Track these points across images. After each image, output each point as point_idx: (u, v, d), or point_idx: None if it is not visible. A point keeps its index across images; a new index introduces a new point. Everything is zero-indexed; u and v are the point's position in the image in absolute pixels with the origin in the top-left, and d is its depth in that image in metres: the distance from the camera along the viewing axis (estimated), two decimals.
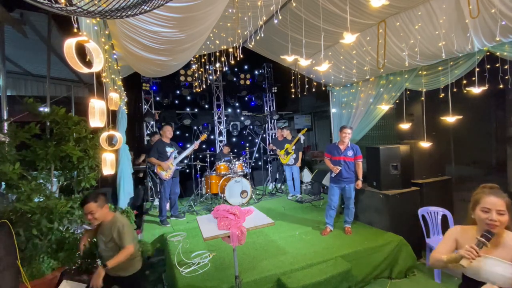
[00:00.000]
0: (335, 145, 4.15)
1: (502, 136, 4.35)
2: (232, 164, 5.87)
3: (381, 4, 2.05)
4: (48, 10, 1.14)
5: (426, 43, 3.59)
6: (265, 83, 8.16)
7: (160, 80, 6.90)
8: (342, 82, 5.46)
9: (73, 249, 2.56)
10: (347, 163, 4.00)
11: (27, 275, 2.24)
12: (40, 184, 2.72)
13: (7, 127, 2.92)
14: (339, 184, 4.05)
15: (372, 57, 4.34)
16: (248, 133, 8.19)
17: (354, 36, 2.31)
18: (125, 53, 3.34)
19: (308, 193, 6.41)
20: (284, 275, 2.99)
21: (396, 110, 5.01)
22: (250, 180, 6.12)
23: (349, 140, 4.08)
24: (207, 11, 2.49)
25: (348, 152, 4.03)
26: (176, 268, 3.19)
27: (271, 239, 3.93)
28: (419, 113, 4.46)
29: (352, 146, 4.08)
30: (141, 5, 1.21)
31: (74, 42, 1.51)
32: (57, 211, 2.43)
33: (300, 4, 3.55)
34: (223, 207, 2.90)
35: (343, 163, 4.00)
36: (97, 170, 3.25)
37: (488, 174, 4.58)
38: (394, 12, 3.58)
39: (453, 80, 3.75)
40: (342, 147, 4.07)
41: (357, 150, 4.06)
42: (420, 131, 4.24)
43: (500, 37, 2.97)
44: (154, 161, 4.67)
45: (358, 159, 4.04)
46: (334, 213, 4.14)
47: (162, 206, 4.75)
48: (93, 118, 1.89)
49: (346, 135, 4.02)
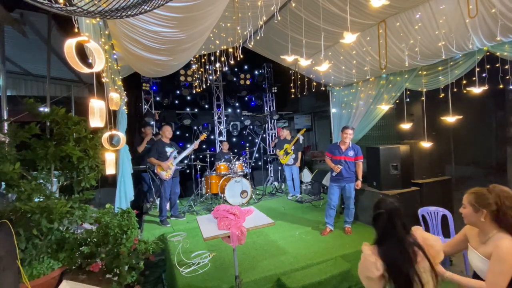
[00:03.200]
0: (337, 145, 4.18)
1: (502, 136, 4.35)
2: (232, 164, 5.87)
3: (381, 4, 2.05)
4: (48, 10, 1.14)
5: (426, 43, 3.59)
6: (265, 83, 8.16)
7: (160, 80, 6.89)
8: (342, 82, 5.46)
9: (73, 249, 2.56)
10: (347, 163, 4.03)
11: (27, 275, 2.24)
12: (40, 184, 2.72)
13: (7, 127, 2.92)
14: (339, 183, 4.06)
15: (372, 57, 4.34)
16: (248, 133, 8.19)
17: (354, 35, 2.31)
18: (125, 53, 3.34)
19: (308, 193, 6.41)
20: (284, 275, 3.00)
21: (396, 110, 5.01)
22: (250, 180, 6.12)
23: (350, 141, 4.10)
24: (207, 11, 2.49)
25: (349, 152, 4.05)
26: (176, 268, 3.19)
27: (271, 239, 3.93)
28: (419, 113, 4.46)
29: (353, 147, 4.10)
30: (141, 5, 1.21)
31: (75, 42, 1.51)
32: (57, 211, 2.43)
33: (300, 4, 3.55)
34: (223, 207, 2.90)
35: (343, 162, 4.02)
36: (97, 170, 3.24)
37: (488, 174, 4.58)
38: (394, 12, 3.58)
39: (453, 80, 3.75)
40: (343, 147, 4.10)
41: (358, 151, 4.09)
42: (420, 131, 4.25)
43: (500, 37, 2.97)
44: (154, 161, 4.67)
45: (358, 160, 4.06)
46: (334, 213, 4.14)
47: (162, 206, 4.75)
48: (93, 118, 1.89)
49: (348, 136, 4.03)
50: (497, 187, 1.53)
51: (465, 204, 1.59)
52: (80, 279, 2.46)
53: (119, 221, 2.80)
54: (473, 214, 1.54)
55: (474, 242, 1.61)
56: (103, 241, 2.67)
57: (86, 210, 2.72)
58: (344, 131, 4.07)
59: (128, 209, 3.01)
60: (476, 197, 1.54)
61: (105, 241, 2.66)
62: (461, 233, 1.74)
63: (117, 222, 2.79)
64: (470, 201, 1.56)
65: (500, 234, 1.47)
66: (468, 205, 1.57)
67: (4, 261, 1.92)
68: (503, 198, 1.46)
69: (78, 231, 2.93)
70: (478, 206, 1.52)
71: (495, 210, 1.47)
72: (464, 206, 1.60)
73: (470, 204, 1.56)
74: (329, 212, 4.12)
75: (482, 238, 1.56)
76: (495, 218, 1.48)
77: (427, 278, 1.39)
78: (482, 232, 1.56)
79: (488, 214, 1.49)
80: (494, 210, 1.47)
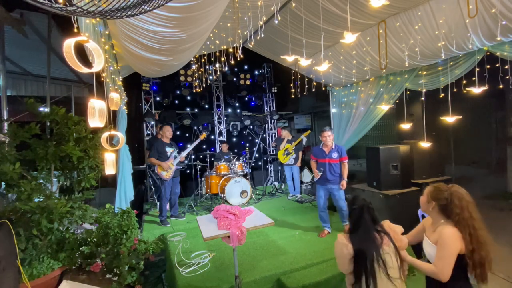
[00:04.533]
0: (320, 148, 4.11)
1: (502, 136, 4.35)
2: (232, 164, 5.87)
3: (381, 4, 2.05)
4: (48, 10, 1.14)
5: (426, 43, 3.59)
6: (265, 83, 8.16)
7: (160, 80, 6.89)
8: (342, 82, 5.46)
9: (73, 249, 2.56)
10: (332, 165, 3.96)
11: (27, 275, 2.24)
12: (40, 184, 2.72)
13: (7, 127, 2.92)
14: (325, 186, 4.04)
15: (372, 57, 4.34)
16: (248, 133, 8.19)
17: (354, 35, 2.31)
18: (125, 53, 3.34)
19: (308, 193, 6.41)
20: (284, 275, 3.00)
21: (396, 110, 5.01)
22: (250, 180, 6.12)
23: (333, 142, 4.03)
24: (208, 11, 2.49)
25: (333, 154, 3.97)
26: (176, 268, 3.19)
27: (271, 239, 3.93)
28: (419, 113, 4.47)
29: (337, 148, 4.02)
30: (141, 5, 1.21)
31: (73, 42, 1.51)
32: (57, 211, 2.43)
33: (300, 4, 3.55)
34: (223, 207, 2.90)
35: (327, 165, 3.97)
36: (97, 170, 3.25)
37: (488, 174, 4.59)
38: (394, 12, 3.58)
39: (453, 80, 3.75)
40: (326, 150, 4.02)
41: (342, 151, 4.01)
42: (420, 131, 4.25)
43: (500, 37, 2.97)
44: (154, 161, 4.67)
45: (343, 160, 3.99)
46: (326, 215, 4.11)
47: (162, 206, 4.75)
48: (92, 118, 1.88)
49: (326, 138, 3.97)
50: (455, 187, 1.74)
51: (424, 193, 1.85)
52: (80, 279, 2.46)
53: (119, 221, 2.81)
54: (425, 202, 1.81)
55: (428, 231, 1.85)
56: (103, 241, 2.67)
57: (86, 210, 2.72)
58: (322, 134, 3.98)
59: (128, 209, 3.01)
60: (433, 190, 1.79)
61: (105, 241, 2.66)
62: (420, 224, 2.02)
63: (117, 222, 2.79)
64: (427, 192, 1.82)
65: (445, 224, 1.70)
66: (425, 194, 1.83)
67: (4, 261, 1.92)
68: (454, 197, 1.68)
69: (78, 231, 2.93)
70: (431, 198, 1.77)
71: (443, 204, 1.71)
72: (423, 194, 1.87)
73: (426, 195, 1.82)
74: (321, 215, 4.11)
75: (433, 227, 1.80)
76: (443, 210, 1.72)
77: (393, 263, 1.65)
78: (433, 222, 1.81)
79: (436, 206, 1.74)
80: (443, 204, 1.71)
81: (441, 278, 1.61)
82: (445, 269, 1.60)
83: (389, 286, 1.62)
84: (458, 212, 1.65)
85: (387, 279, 1.61)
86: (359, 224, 1.75)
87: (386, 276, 1.61)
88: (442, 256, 1.63)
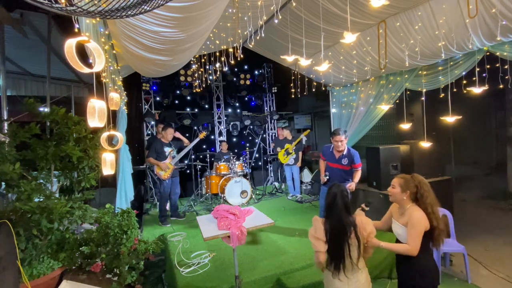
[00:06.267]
0: (330, 150, 3.70)
1: (502, 136, 4.35)
2: (232, 164, 5.87)
3: (381, 4, 2.05)
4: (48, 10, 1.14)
5: (426, 43, 3.59)
6: (265, 83, 8.16)
7: (160, 80, 6.90)
8: (342, 82, 5.46)
9: (73, 249, 2.56)
10: (341, 171, 3.60)
11: (27, 275, 2.24)
12: (40, 184, 2.71)
13: (7, 127, 2.92)
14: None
15: (372, 57, 4.34)
16: (248, 133, 8.19)
17: (354, 35, 2.31)
18: (125, 53, 3.34)
19: (308, 193, 6.41)
20: (284, 275, 3.00)
21: (396, 110, 5.01)
22: (250, 180, 6.12)
23: (345, 146, 3.57)
24: (208, 11, 2.49)
25: (343, 160, 3.55)
26: (176, 268, 3.19)
27: (271, 239, 3.93)
28: (419, 113, 4.46)
29: (348, 154, 3.54)
30: (141, 5, 1.21)
31: (75, 42, 1.51)
32: (57, 211, 2.42)
33: (300, 4, 3.55)
34: (223, 207, 2.90)
35: (337, 171, 3.61)
36: (97, 170, 3.24)
37: (488, 174, 4.59)
38: (394, 12, 3.58)
39: (453, 80, 3.75)
40: (336, 154, 3.61)
41: (354, 157, 3.50)
42: (420, 131, 4.24)
43: (500, 37, 2.97)
44: (153, 161, 4.67)
45: (355, 168, 3.55)
46: None
47: (162, 206, 4.75)
48: (92, 118, 1.88)
49: (338, 144, 3.48)
50: (416, 175, 2.05)
51: (395, 185, 2.07)
52: (80, 279, 2.46)
53: (119, 221, 2.80)
54: (399, 193, 2.03)
55: (396, 215, 2.13)
56: (103, 241, 2.67)
57: (86, 210, 2.72)
58: (334, 138, 3.47)
59: (128, 209, 3.01)
60: (404, 181, 2.03)
61: (105, 241, 2.66)
62: (388, 212, 2.25)
63: (117, 222, 2.79)
64: (400, 184, 2.04)
65: (413, 207, 1.99)
66: (397, 186, 2.05)
67: (4, 261, 1.92)
68: (422, 184, 1.99)
69: (78, 231, 2.93)
70: (406, 187, 2.01)
71: (414, 192, 2.00)
72: (393, 186, 2.08)
73: (399, 186, 2.04)
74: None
75: (400, 211, 2.08)
76: (414, 197, 2.01)
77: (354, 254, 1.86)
78: (401, 207, 2.08)
79: (409, 194, 2.01)
80: (414, 192, 2.00)
81: (414, 253, 1.91)
82: (418, 245, 1.90)
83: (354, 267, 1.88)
84: (426, 195, 1.96)
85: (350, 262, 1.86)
86: (332, 210, 1.94)
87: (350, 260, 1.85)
88: (414, 235, 1.91)
